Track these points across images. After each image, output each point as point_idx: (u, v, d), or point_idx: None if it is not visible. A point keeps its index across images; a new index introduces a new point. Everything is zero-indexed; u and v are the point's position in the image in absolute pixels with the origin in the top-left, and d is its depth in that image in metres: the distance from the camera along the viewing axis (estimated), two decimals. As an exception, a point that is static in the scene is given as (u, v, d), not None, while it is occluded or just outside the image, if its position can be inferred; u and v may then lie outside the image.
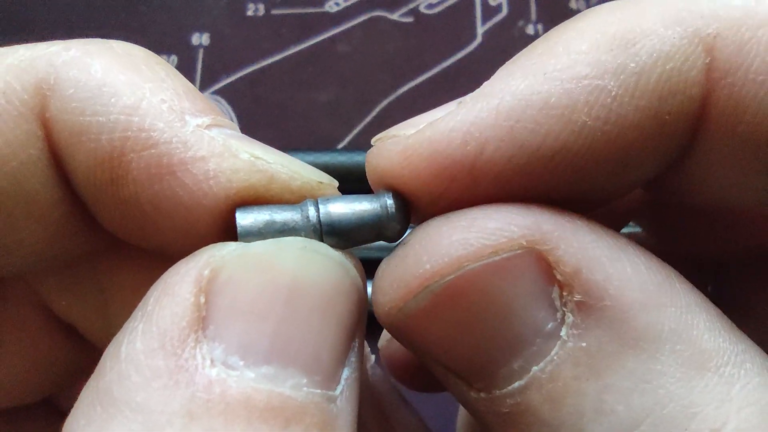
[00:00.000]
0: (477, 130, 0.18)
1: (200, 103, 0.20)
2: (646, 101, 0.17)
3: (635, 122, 0.17)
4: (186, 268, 0.17)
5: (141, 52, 0.21)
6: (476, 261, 0.17)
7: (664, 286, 0.17)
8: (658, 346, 0.16)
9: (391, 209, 0.19)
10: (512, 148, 0.17)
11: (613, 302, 0.16)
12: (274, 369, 0.16)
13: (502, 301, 0.17)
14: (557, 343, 0.17)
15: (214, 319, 0.16)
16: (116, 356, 0.16)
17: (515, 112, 0.17)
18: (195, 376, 0.15)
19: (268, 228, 0.19)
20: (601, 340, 0.16)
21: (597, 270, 0.17)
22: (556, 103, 0.17)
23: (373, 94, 0.62)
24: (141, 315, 0.17)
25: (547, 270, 0.17)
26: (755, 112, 0.17)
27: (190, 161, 0.19)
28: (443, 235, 0.18)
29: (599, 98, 0.17)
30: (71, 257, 0.23)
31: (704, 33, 0.17)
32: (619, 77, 0.17)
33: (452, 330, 0.18)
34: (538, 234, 0.17)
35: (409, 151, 0.19)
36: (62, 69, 0.19)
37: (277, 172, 0.20)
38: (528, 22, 0.64)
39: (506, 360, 0.17)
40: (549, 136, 0.17)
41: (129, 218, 0.20)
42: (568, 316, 0.17)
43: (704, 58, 0.17)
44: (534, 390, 0.17)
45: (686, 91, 0.17)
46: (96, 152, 0.19)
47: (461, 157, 0.18)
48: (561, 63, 0.17)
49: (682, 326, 0.17)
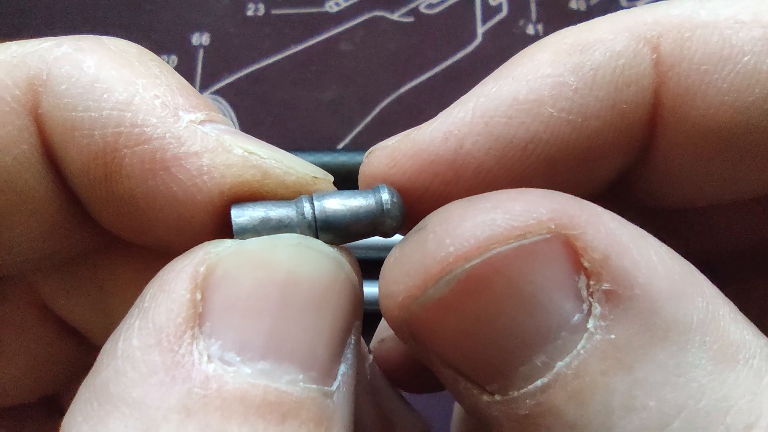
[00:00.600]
0: (456, 128, 0.20)
1: (194, 99, 0.20)
2: (603, 92, 0.19)
3: (596, 112, 0.19)
4: (182, 265, 0.17)
5: (134, 48, 0.21)
6: (505, 243, 0.16)
7: (688, 276, 0.17)
8: (688, 338, 0.16)
9: (386, 203, 0.20)
10: (488, 140, 0.19)
11: (642, 291, 0.16)
12: (270, 365, 0.16)
13: (528, 291, 0.16)
14: (584, 336, 0.16)
15: (210, 316, 0.16)
16: (113, 352, 0.16)
17: (489, 109, 0.19)
18: (191, 372, 0.16)
19: (263, 225, 0.19)
20: (630, 331, 0.16)
21: (626, 256, 0.16)
22: (524, 99, 0.19)
23: (373, 93, 0.62)
24: (137, 311, 0.17)
25: (574, 257, 0.16)
26: (703, 97, 0.19)
27: (183, 156, 0.19)
28: (467, 216, 0.17)
29: (561, 92, 0.19)
30: (69, 254, 0.23)
31: (649, 35, 0.20)
32: (578, 73, 0.19)
33: (470, 322, 0.17)
34: (566, 217, 0.16)
35: (396, 152, 0.20)
36: (54, 65, 0.19)
37: (271, 167, 0.20)
38: (528, 21, 0.64)
39: (528, 356, 0.16)
40: (521, 127, 0.19)
41: (123, 214, 0.20)
42: (595, 306, 0.16)
43: (651, 54, 0.19)
44: (558, 388, 0.16)
45: (639, 81, 0.19)
46: (89, 148, 0.19)
47: (443, 151, 0.20)
48: (527, 68, 0.20)
49: (709, 317, 0.16)
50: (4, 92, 0.19)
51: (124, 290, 0.25)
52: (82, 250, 0.23)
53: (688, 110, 0.19)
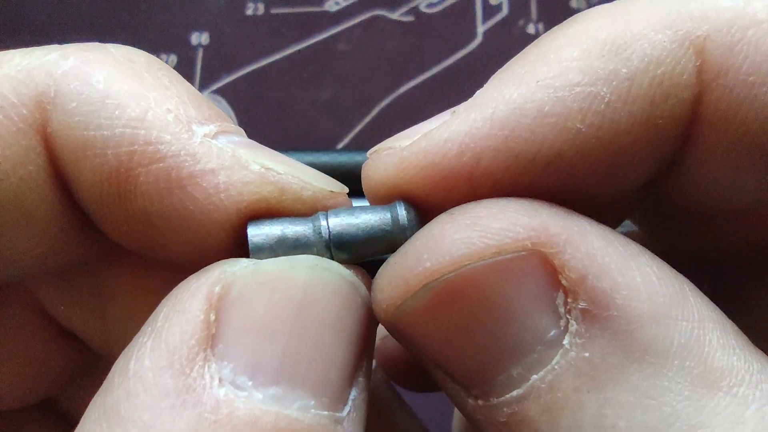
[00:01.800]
0: (472, 140, 0.18)
1: (206, 110, 0.20)
2: (638, 106, 0.17)
3: (628, 128, 0.17)
4: (197, 284, 0.17)
5: (142, 57, 0.21)
6: (478, 260, 0.17)
7: (675, 299, 0.16)
8: (665, 361, 0.16)
9: (403, 220, 0.19)
10: (508, 157, 0.18)
11: (619, 312, 0.16)
12: (283, 390, 0.16)
13: (503, 304, 0.17)
14: (559, 351, 0.16)
15: (224, 337, 0.16)
16: (124, 372, 0.16)
17: (510, 121, 0.17)
18: (203, 396, 0.15)
19: (279, 244, 0.19)
20: (605, 351, 0.16)
21: (604, 277, 0.16)
22: (550, 111, 0.17)
23: (373, 93, 0.62)
24: (150, 330, 0.17)
25: (552, 274, 0.16)
26: (747, 113, 0.17)
27: (199, 174, 0.18)
28: (445, 233, 0.17)
29: (592, 105, 0.17)
30: (70, 263, 0.23)
31: (694, 35, 0.17)
32: (611, 83, 0.17)
33: (451, 332, 0.17)
34: (544, 236, 0.16)
35: (405, 162, 0.19)
36: (62, 81, 0.19)
37: (288, 183, 0.19)
38: (528, 21, 0.63)
39: (505, 366, 0.17)
40: (544, 144, 0.17)
41: (138, 232, 0.20)
42: (571, 323, 0.16)
43: (695, 60, 0.17)
44: (532, 400, 0.16)
45: (678, 94, 0.17)
46: (102, 167, 0.19)
47: (458, 167, 0.18)
48: (553, 71, 0.17)
49: (692, 341, 0.16)
50: (10, 111, 0.19)
51: (123, 296, 0.25)
52: (84, 259, 0.23)
53: (729, 126, 0.18)
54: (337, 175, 0.66)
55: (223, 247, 0.19)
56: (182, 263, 0.20)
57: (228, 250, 0.19)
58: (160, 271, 0.18)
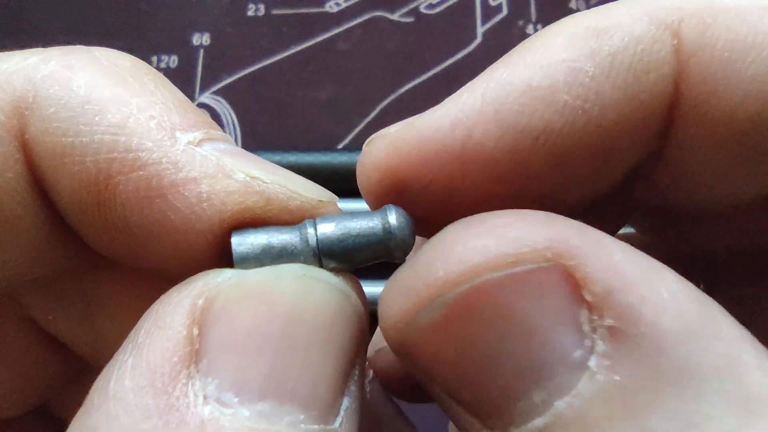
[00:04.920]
0: (464, 115, 0.18)
1: (191, 117, 0.19)
2: (621, 80, 0.18)
3: (613, 101, 0.18)
4: (179, 298, 0.16)
5: (128, 61, 0.20)
6: (495, 270, 0.15)
7: (704, 316, 0.15)
8: (702, 385, 0.14)
9: (393, 224, 0.19)
10: (499, 129, 0.18)
11: (648, 330, 0.14)
12: (270, 406, 0.15)
13: (522, 320, 0.15)
14: (585, 374, 0.15)
15: (208, 353, 0.16)
16: (104, 393, 0.15)
17: (500, 96, 0.18)
18: (186, 416, 0.15)
19: (265, 253, 0.18)
20: (637, 373, 0.14)
21: (631, 292, 0.15)
22: (538, 85, 0.18)
23: (373, 93, 0.62)
24: (131, 348, 0.16)
25: (575, 289, 0.15)
26: (725, 87, 0.18)
27: (181, 183, 0.18)
28: (459, 240, 0.16)
29: (577, 78, 0.18)
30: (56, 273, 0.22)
31: (669, 20, 0.18)
32: (594, 59, 0.18)
33: (465, 351, 0.16)
34: (564, 246, 0.15)
35: (397, 141, 0.19)
36: (42, 85, 0.18)
37: (274, 192, 0.19)
38: (528, 22, 0.64)
39: (525, 391, 0.15)
40: (533, 116, 0.18)
41: (118, 241, 0.19)
42: (598, 343, 0.15)
43: (671, 39, 0.18)
44: (558, 430, 0.15)
45: (658, 69, 0.18)
46: (81, 175, 0.18)
47: (450, 141, 0.18)
48: (539, 53, 0.18)
49: (728, 362, 0.14)
50: None
51: (111, 304, 0.24)
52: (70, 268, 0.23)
53: (709, 100, 0.18)
54: (337, 175, 0.66)
55: (206, 258, 0.19)
56: (165, 273, 0.19)
57: (212, 261, 0.18)
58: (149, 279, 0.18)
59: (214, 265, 0.18)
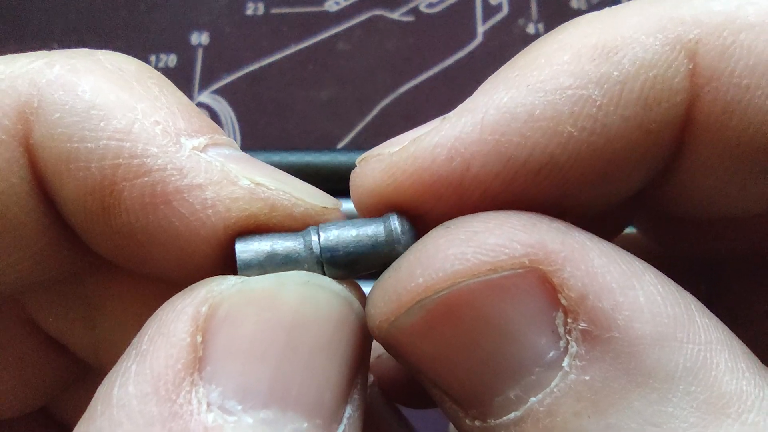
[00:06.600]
0: (462, 145, 0.17)
1: (196, 122, 0.19)
2: (631, 110, 0.17)
3: (621, 132, 0.17)
4: (183, 305, 0.16)
5: (132, 65, 0.20)
6: (471, 277, 0.16)
7: (681, 319, 0.15)
8: (670, 386, 0.15)
9: (396, 233, 0.18)
10: (498, 163, 0.17)
11: (621, 334, 0.15)
12: (274, 413, 0.15)
13: (499, 323, 0.16)
14: (558, 374, 0.15)
15: (212, 360, 0.16)
16: (108, 400, 0.15)
17: (500, 125, 0.17)
18: (190, 423, 0.15)
19: (269, 261, 0.18)
20: (607, 374, 0.15)
21: (605, 297, 0.15)
22: (541, 115, 0.17)
23: (373, 93, 0.62)
24: (135, 354, 0.16)
25: (551, 293, 0.16)
26: (741, 117, 0.17)
27: (186, 189, 0.18)
28: (439, 248, 0.17)
29: (584, 108, 0.17)
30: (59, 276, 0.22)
31: (686, 39, 0.17)
32: (603, 86, 0.17)
33: (446, 350, 0.17)
34: (542, 253, 0.16)
35: (394, 168, 0.18)
36: (47, 90, 0.18)
37: (278, 199, 0.19)
38: (528, 21, 0.63)
39: (502, 388, 0.16)
40: (535, 149, 0.17)
41: (122, 247, 0.19)
42: (571, 345, 0.15)
43: (687, 64, 0.17)
44: (530, 423, 0.16)
45: (671, 98, 0.17)
46: (85, 181, 0.18)
47: (447, 173, 0.17)
48: (543, 74, 0.17)
49: (699, 365, 0.15)
50: None
51: (112, 307, 0.24)
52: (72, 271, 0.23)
53: (723, 130, 0.17)
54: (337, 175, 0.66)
55: (210, 264, 0.19)
56: (169, 279, 0.19)
57: (216, 267, 0.19)
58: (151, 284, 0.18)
59: (218, 272, 0.18)
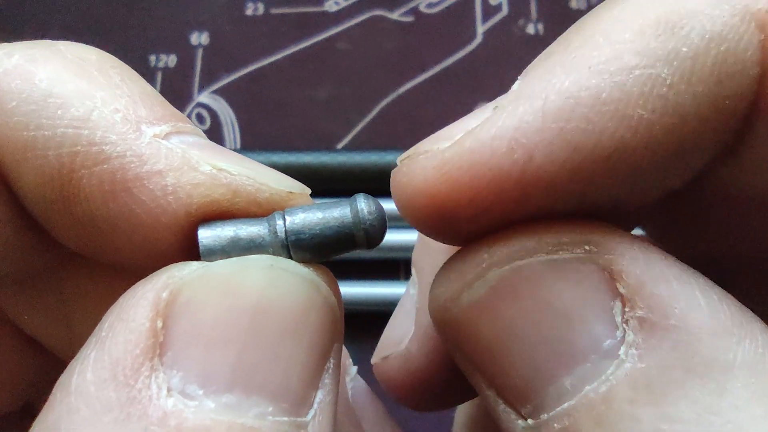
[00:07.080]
0: (523, 135, 0.16)
1: (159, 110, 0.19)
2: (703, 87, 0.16)
3: (694, 110, 0.16)
4: (143, 291, 0.16)
5: (94, 54, 0.20)
6: (536, 255, 0.16)
7: (738, 319, 0.15)
8: (728, 377, 0.15)
9: (363, 213, 0.18)
10: (565, 151, 0.16)
11: (679, 322, 0.15)
12: (237, 397, 0.15)
13: (558, 306, 0.16)
14: (614, 362, 0.15)
15: (172, 345, 0.15)
16: (66, 388, 0.15)
17: (564, 112, 0.16)
18: (148, 408, 0.15)
19: (232, 245, 0.18)
20: (664, 363, 0.15)
21: (663, 285, 0.15)
22: (608, 98, 0.16)
23: (373, 93, 0.61)
24: (94, 342, 0.16)
25: (610, 281, 0.16)
26: None
27: (146, 176, 0.18)
28: (507, 233, 0.17)
29: (654, 88, 0.16)
30: (29, 271, 0.22)
31: (755, 8, 0.16)
32: (672, 63, 0.16)
33: (504, 333, 0.17)
34: (602, 242, 0.16)
35: (448, 165, 0.17)
36: (3, 80, 0.18)
37: (242, 184, 0.18)
38: (528, 21, 0.63)
39: (558, 375, 0.16)
40: (604, 134, 0.16)
41: (84, 236, 0.19)
42: (628, 333, 0.15)
43: (758, 35, 0.16)
44: (584, 412, 0.15)
45: (744, 72, 0.16)
46: (43, 169, 0.18)
47: (509, 166, 0.16)
48: (605, 54, 0.16)
49: (757, 360, 0.15)
50: None
51: (87, 302, 0.24)
52: (43, 266, 0.22)
53: None
54: (337, 175, 0.66)
55: (173, 251, 0.18)
56: (133, 267, 0.19)
57: (181, 255, 0.18)
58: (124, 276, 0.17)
59: (182, 259, 0.18)
